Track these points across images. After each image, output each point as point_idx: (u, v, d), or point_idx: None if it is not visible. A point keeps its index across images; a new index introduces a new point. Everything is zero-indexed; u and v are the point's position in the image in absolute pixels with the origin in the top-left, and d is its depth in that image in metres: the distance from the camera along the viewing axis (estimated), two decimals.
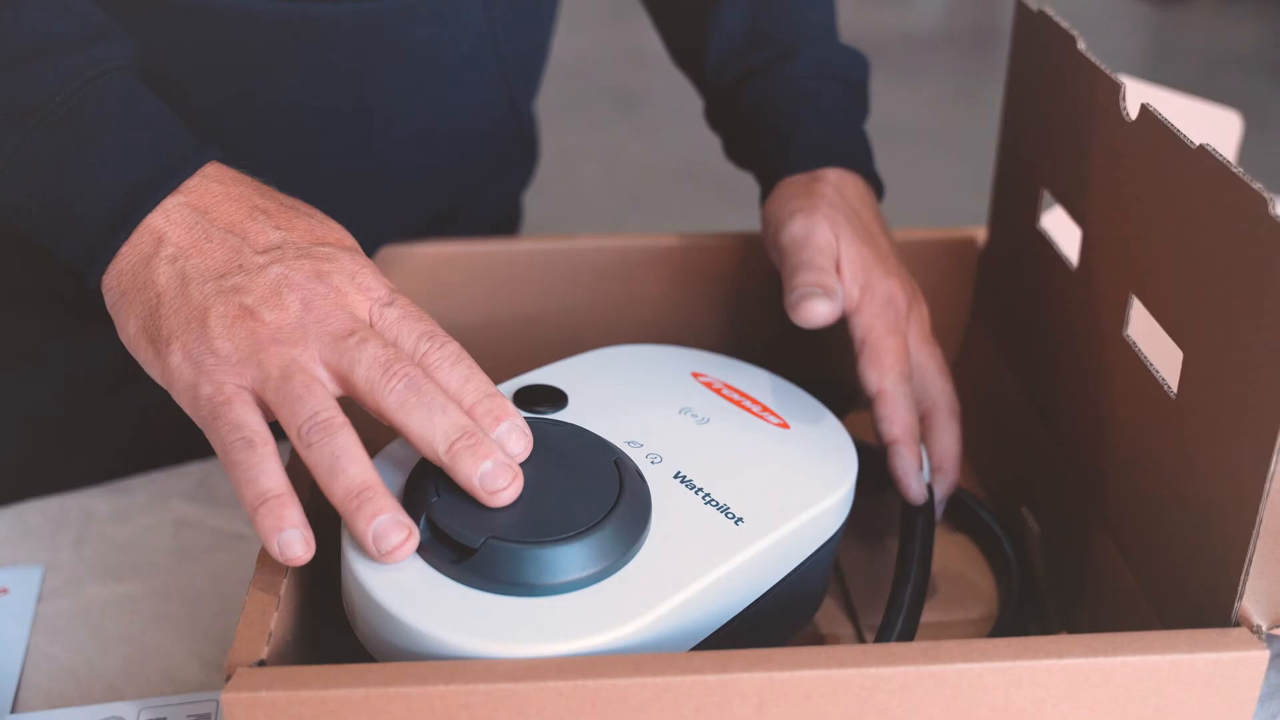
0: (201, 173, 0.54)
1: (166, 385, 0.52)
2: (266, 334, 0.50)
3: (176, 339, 0.51)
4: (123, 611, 0.66)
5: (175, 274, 0.51)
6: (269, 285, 0.51)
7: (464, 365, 0.52)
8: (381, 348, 0.50)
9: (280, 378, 0.49)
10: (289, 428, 0.49)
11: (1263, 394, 0.46)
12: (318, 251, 0.52)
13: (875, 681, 0.46)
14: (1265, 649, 0.47)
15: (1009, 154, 0.72)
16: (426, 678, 0.45)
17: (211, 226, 0.52)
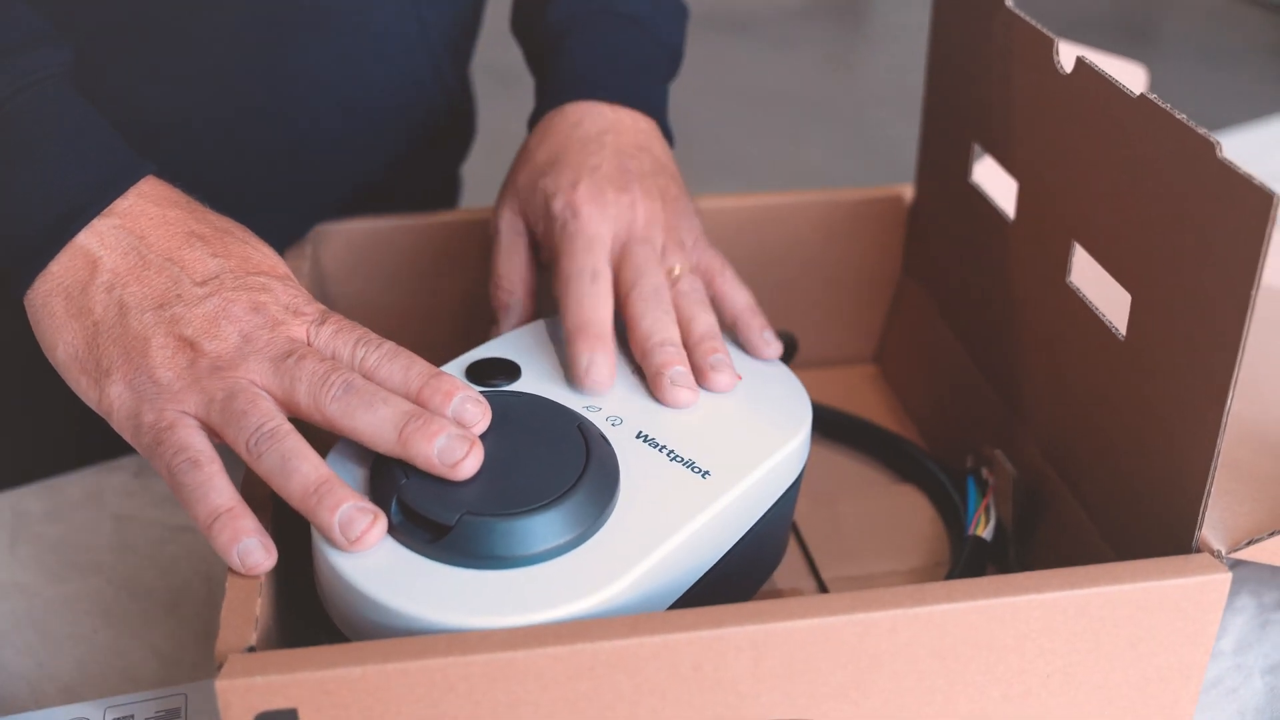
0: (137, 191, 0.53)
1: (104, 414, 0.52)
2: (207, 363, 0.51)
3: (116, 369, 0.51)
4: (70, 611, 0.64)
5: (113, 303, 0.51)
6: (208, 316, 0.51)
7: (402, 357, 0.53)
8: (318, 362, 0.51)
9: (225, 399, 0.50)
10: (238, 444, 0.50)
11: (1216, 330, 0.48)
12: (253, 281, 0.53)
13: (865, 627, 0.47)
14: (1228, 571, 0.49)
15: (935, 111, 0.73)
16: (423, 652, 0.45)
17: (149, 253, 0.52)
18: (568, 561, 0.49)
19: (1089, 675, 0.50)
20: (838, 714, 0.49)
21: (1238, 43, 3.43)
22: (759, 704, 0.48)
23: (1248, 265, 0.45)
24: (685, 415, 0.57)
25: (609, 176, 0.62)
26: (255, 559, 0.49)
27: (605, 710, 0.47)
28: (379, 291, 0.75)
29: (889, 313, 0.81)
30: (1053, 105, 0.59)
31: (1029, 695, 0.50)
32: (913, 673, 0.49)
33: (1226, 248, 0.47)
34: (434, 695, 0.45)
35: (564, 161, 0.63)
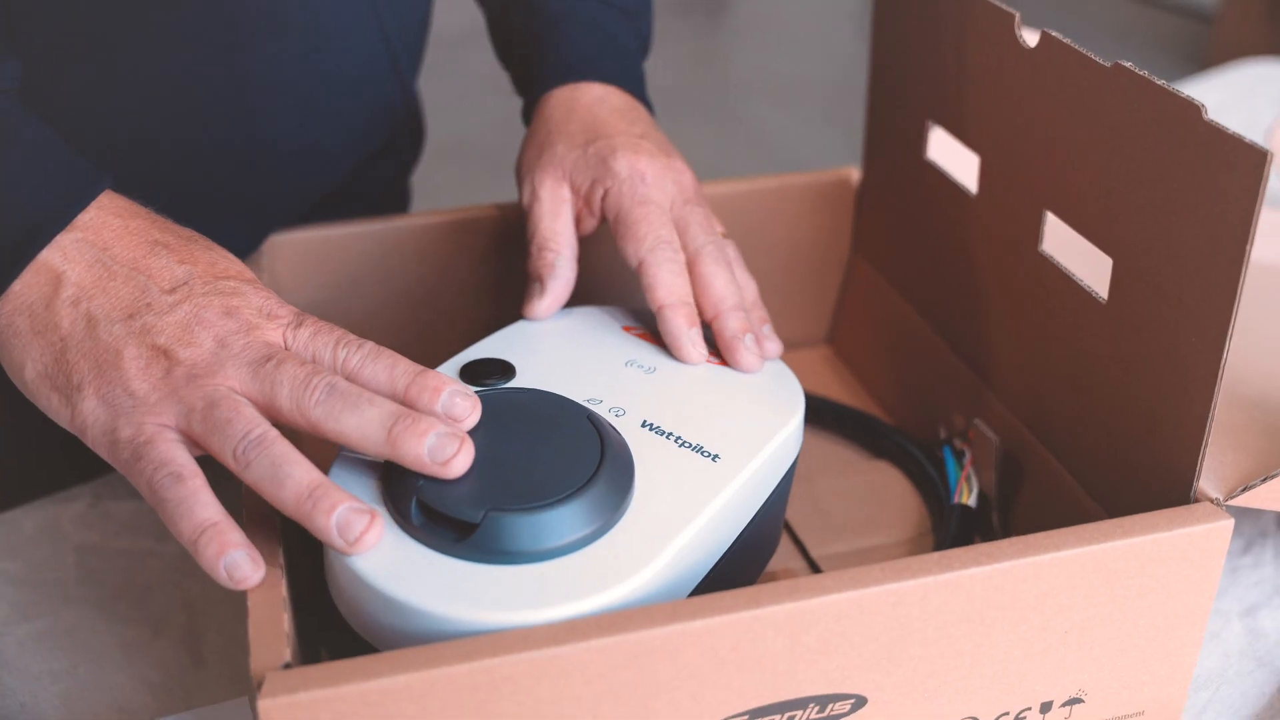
0: (97, 204, 0.52)
1: (78, 431, 0.50)
2: (183, 372, 0.49)
3: (89, 384, 0.49)
4: (45, 649, 0.61)
5: (80, 316, 0.50)
6: (180, 324, 0.50)
7: (385, 357, 0.52)
8: (299, 365, 0.50)
9: (205, 408, 0.49)
10: (224, 454, 0.48)
11: (1208, 288, 0.50)
12: (223, 286, 0.52)
13: (898, 596, 0.48)
14: (1230, 519, 0.51)
15: (881, 93, 0.75)
16: (467, 655, 0.44)
17: (114, 264, 0.51)
18: (596, 551, 0.49)
19: (1103, 628, 0.52)
20: (871, 684, 0.50)
21: (1084, 27, 3.57)
22: (795, 681, 0.48)
23: (1243, 220, 0.47)
24: (685, 402, 0.57)
25: (659, 144, 0.66)
26: (243, 572, 0.47)
27: (647, 699, 0.47)
28: (336, 299, 0.73)
29: (840, 293, 0.83)
30: (1017, 80, 0.60)
31: (1048, 652, 0.51)
32: (941, 639, 0.49)
33: (1219, 205, 0.48)
34: (479, 698, 0.45)
35: (609, 130, 0.65)
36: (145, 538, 0.68)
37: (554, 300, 0.63)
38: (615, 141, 0.65)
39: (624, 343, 0.62)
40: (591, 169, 0.64)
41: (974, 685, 0.51)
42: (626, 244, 0.62)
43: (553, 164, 0.65)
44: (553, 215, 0.64)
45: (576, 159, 0.65)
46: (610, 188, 0.63)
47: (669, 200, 0.64)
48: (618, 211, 0.63)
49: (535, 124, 0.68)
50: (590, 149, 0.65)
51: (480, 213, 0.74)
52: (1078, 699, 0.53)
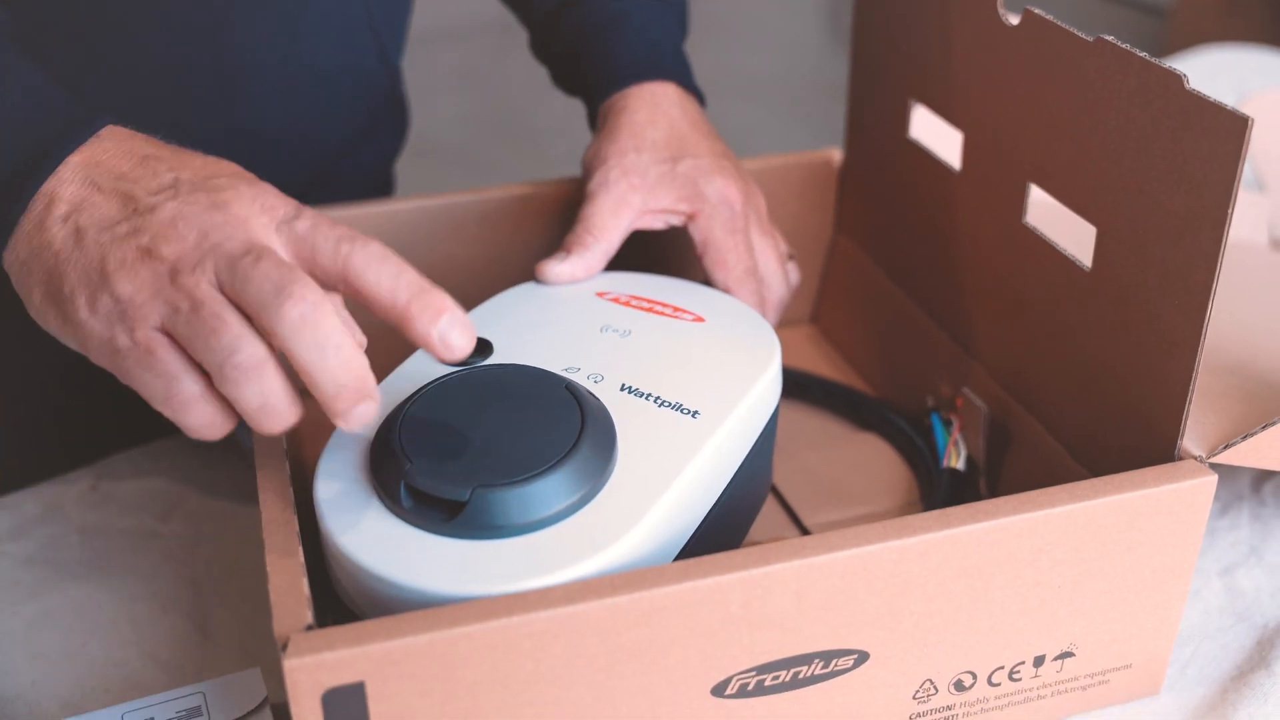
0: (95, 137, 0.51)
1: (81, 346, 0.50)
2: (166, 269, 0.48)
3: (79, 294, 0.48)
4: (54, 628, 0.62)
5: (70, 230, 0.49)
6: (164, 222, 0.48)
7: (392, 262, 0.49)
8: (276, 267, 0.47)
9: (189, 311, 0.47)
10: (208, 365, 0.47)
11: (1191, 252, 0.52)
12: (213, 184, 0.50)
13: (899, 553, 0.50)
14: (1213, 474, 0.53)
15: (863, 74, 0.76)
16: (486, 614, 0.46)
17: (103, 178, 0.50)
18: (585, 517, 0.50)
19: (1093, 582, 0.54)
20: (873, 640, 0.51)
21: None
22: (801, 636, 0.50)
23: (1224, 186, 0.49)
24: (662, 362, 0.58)
25: (734, 162, 0.71)
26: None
27: (660, 656, 0.48)
28: None
29: (824, 273, 0.84)
30: (999, 57, 0.62)
31: (1043, 607, 0.53)
32: (940, 594, 0.51)
33: (1202, 172, 0.50)
34: (496, 656, 0.46)
35: (695, 148, 0.69)
36: (148, 518, 0.69)
37: (571, 272, 0.65)
38: (704, 163, 0.68)
39: (598, 308, 0.63)
40: (679, 187, 0.67)
41: (971, 639, 0.53)
42: (716, 270, 0.67)
43: (635, 170, 0.67)
44: (612, 212, 0.66)
45: (663, 173, 0.67)
46: (700, 211, 0.67)
47: (751, 228, 0.69)
48: (707, 236, 0.67)
49: (615, 121, 0.70)
50: (679, 166, 0.68)
51: (471, 196, 0.75)
52: (1069, 652, 0.55)
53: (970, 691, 0.55)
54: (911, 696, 0.54)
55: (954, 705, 0.55)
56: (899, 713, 0.54)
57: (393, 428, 0.52)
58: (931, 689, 0.54)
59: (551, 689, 0.47)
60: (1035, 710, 0.57)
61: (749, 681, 0.50)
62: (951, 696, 0.55)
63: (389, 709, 0.46)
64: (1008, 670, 0.55)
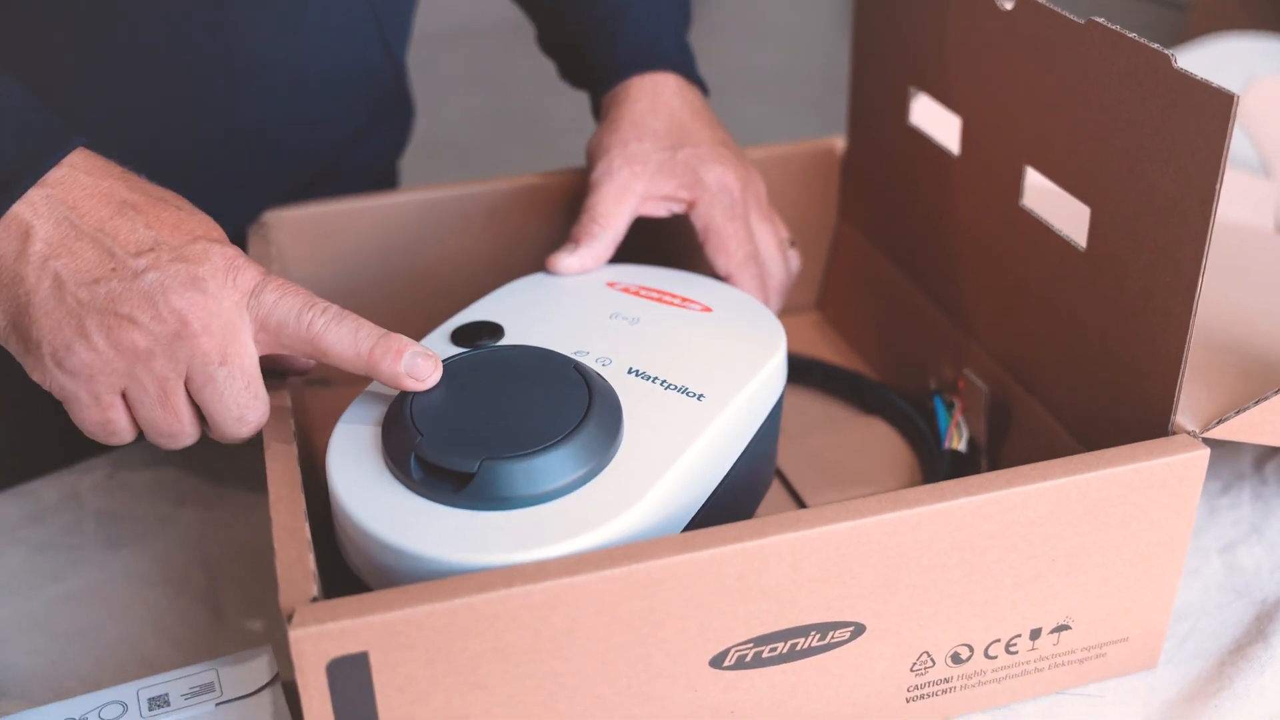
0: (69, 163, 0.53)
1: (32, 374, 0.53)
2: (144, 348, 0.51)
3: (45, 342, 0.51)
4: (72, 609, 0.63)
5: (48, 275, 0.51)
6: (144, 294, 0.51)
7: (349, 320, 0.54)
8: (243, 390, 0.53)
9: (155, 397, 0.53)
10: (143, 427, 0.54)
11: (1181, 228, 0.52)
12: (190, 252, 0.53)
13: (894, 525, 0.50)
14: (1206, 448, 0.54)
15: (864, 63, 0.77)
16: (486, 585, 0.47)
17: (82, 224, 0.52)
18: (589, 491, 0.51)
19: (1088, 556, 0.54)
20: (869, 612, 0.52)
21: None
22: (797, 608, 0.51)
23: (1212, 162, 0.50)
24: (670, 347, 0.60)
25: (735, 150, 0.72)
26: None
27: (657, 628, 0.49)
28: (340, 273, 0.75)
29: (828, 260, 0.85)
30: (996, 42, 0.63)
31: (1037, 579, 0.54)
32: (935, 567, 0.52)
33: (1190, 149, 0.51)
34: (498, 627, 0.47)
35: (695, 136, 0.70)
36: (163, 504, 0.70)
37: (580, 263, 0.66)
38: (703, 151, 0.69)
39: (608, 297, 0.64)
40: (679, 175, 0.68)
41: (966, 613, 0.54)
42: (717, 255, 0.68)
43: (637, 158, 0.68)
44: (615, 200, 0.68)
45: (663, 161, 0.68)
46: (700, 199, 0.68)
47: (750, 214, 0.70)
48: (708, 223, 0.68)
49: (616, 112, 0.71)
50: (680, 154, 0.69)
51: (478, 187, 0.77)
52: (1065, 625, 0.56)
53: (967, 664, 0.55)
54: (909, 669, 0.55)
55: (951, 678, 0.56)
56: (897, 685, 0.55)
57: (404, 404, 0.53)
58: (929, 661, 0.55)
59: (551, 660, 0.48)
60: (1033, 683, 0.57)
61: (746, 653, 0.51)
62: (949, 669, 0.55)
63: (392, 679, 0.47)
64: (1004, 643, 0.56)
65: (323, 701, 0.47)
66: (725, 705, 0.52)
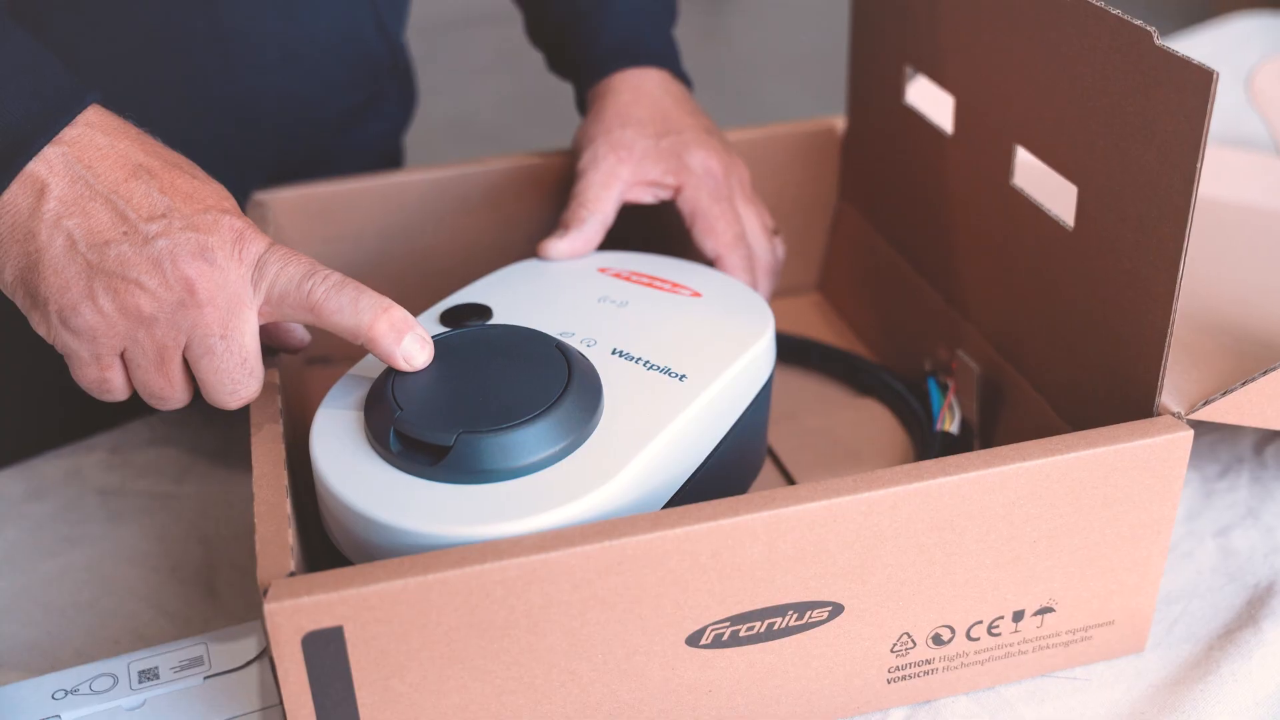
0: (84, 121, 0.53)
1: (45, 338, 0.53)
2: (148, 312, 0.52)
3: (53, 300, 0.52)
4: (69, 583, 0.64)
5: (60, 234, 0.52)
6: (153, 260, 0.52)
7: (349, 289, 0.54)
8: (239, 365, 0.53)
9: (153, 360, 0.53)
10: (137, 386, 0.55)
11: (1163, 207, 0.52)
12: (201, 221, 0.53)
13: (869, 505, 0.50)
14: (1190, 430, 0.53)
15: (862, 41, 0.77)
16: (460, 561, 0.47)
17: (97, 184, 0.52)
18: (564, 467, 0.51)
19: (1070, 538, 0.54)
20: (847, 592, 0.52)
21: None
22: (774, 588, 0.51)
23: (1192, 140, 0.49)
24: (656, 330, 0.60)
25: (720, 138, 0.72)
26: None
27: (633, 605, 0.49)
28: (340, 251, 0.76)
29: (829, 240, 0.85)
30: (987, 20, 0.62)
31: (1018, 561, 0.54)
32: (913, 547, 0.52)
33: (1171, 127, 0.51)
34: (472, 602, 0.47)
35: (678, 123, 0.71)
36: (164, 481, 0.71)
37: (571, 247, 0.67)
38: (687, 137, 0.70)
39: (599, 281, 0.64)
40: (664, 161, 0.69)
41: (947, 594, 0.54)
42: (705, 238, 0.69)
43: (622, 145, 0.69)
44: (603, 185, 0.68)
45: (648, 148, 0.69)
46: (686, 183, 0.69)
47: (735, 198, 0.70)
48: (694, 207, 0.69)
49: (601, 103, 0.72)
50: (664, 141, 0.69)
51: (476, 167, 0.77)
52: (1049, 608, 0.56)
53: (949, 646, 0.55)
54: (889, 650, 0.55)
55: (933, 659, 0.56)
56: (877, 666, 0.55)
57: (387, 381, 0.54)
58: (909, 642, 0.55)
59: (526, 635, 0.49)
60: (1017, 665, 0.57)
61: (723, 631, 0.52)
62: (930, 650, 0.55)
63: (368, 653, 0.48)
64: (986, 625, 0.55)
65: (299, 674, 0.47)
66: (703, 683, 0.53)
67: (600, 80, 0.72)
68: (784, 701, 0.54)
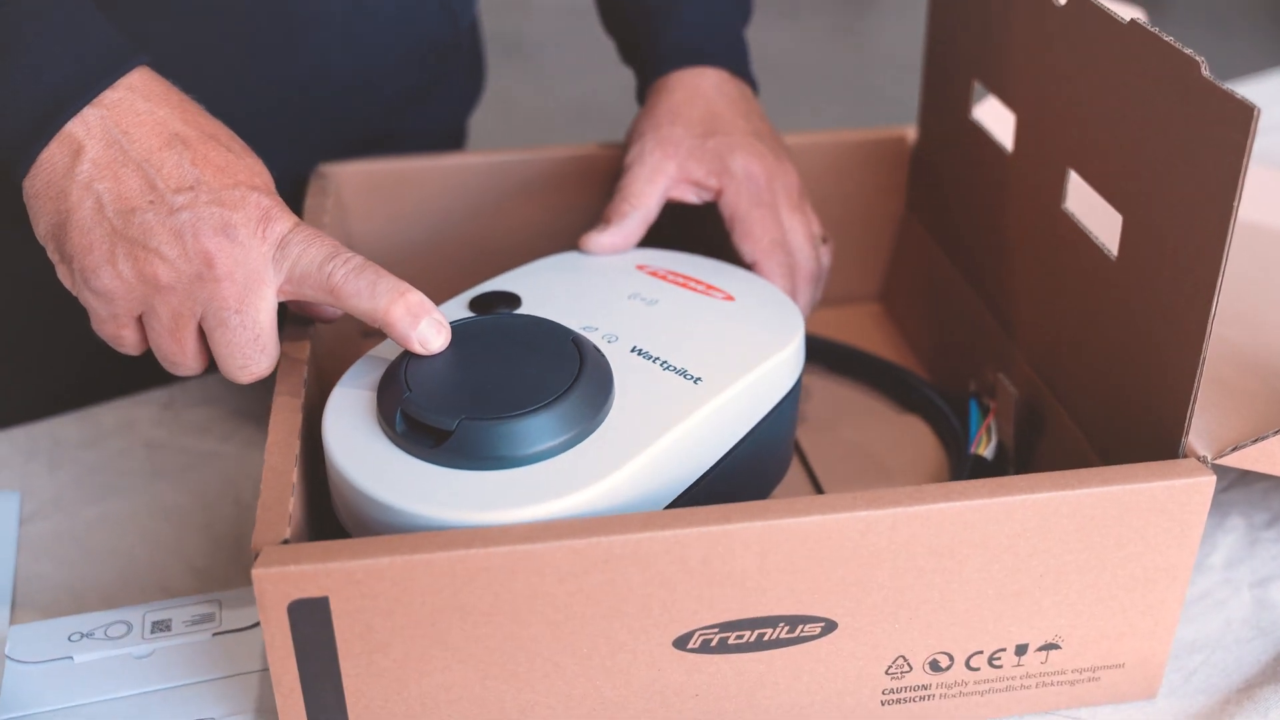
0: (127, 85, 0.54)
1: (69, 289, 0.56)
2: (165, 280, 0.53)
3: (77, 259, 0.54)
4: (107, 529, 0.67)
5: (90, 196, 0.53)
6: (175, 231, 0.53)
7: (369, 272, 0.54)
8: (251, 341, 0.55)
9: (168, 325, 0.55)
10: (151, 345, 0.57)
11: (1202, 240, 0.50)
12: (228, 197, 0.54)
13: (867, 524, 0.50)
14: (1212, 475, 0.51)
15: (936, 52, 0.75)
16: (449, 544, 0.48)
17: (131, 149, 0.53)
18: (563, 460, 0.52)
19: (1080, 575, 0.53)
20: (841, 610, 0.52)
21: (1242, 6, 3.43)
22: (765, 598, 0.51)
23: (1230, 175, 0.48)
24: (680, 331, 0.59)
25: (770, 143, 0.71)
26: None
27: (619, 603, 0.50)
28: (398, 230, 0.77)
29: (893, 251, 0.84)
30: (1049, 38, 0.61)
31: (1023, 594, 0.53)
32: (911, 570, 0.51)
33: (1210, 161, 0.49)
34: (455, 585, 0.48)
35: (727, 125, 0.70)
36: (210, 439, 0.73)
37: (611, 242, 0.67)
38: (733, 140, 0.69)
39: (634, 278, 0.64)
40: (707, 162, 0.69)
41: (945, 620, 0.53)
42: (743, 242, 0.68)
43: (669, 142, 0.69)
44: (648, 180, 0.68)
45: (693, 147, 0.69)
46: (727, 187, 0.68)
47: (779, 204, 0.69)
48: (734, 211, 0.68)
49: (655, 99, 0.72)
50: (709, 142, 0.69)
51: (538, 154, 0.78)
52: (1054, 644, 0.55)
53: (947, 673, 0.54)
54: (884, 672, 0.54)
55: (930, 685, 0.55)
56: (871, 687, 0.54)
57: (401, 363, 0.55)
58: (905, 666, 0.54)
59: (510, 624, 0.49)
60: (1019, 699, 0.56)
61: (711, 637, 0.51)
62: (927, 676, 0.54)
63: (352, 626, 0.48)
64: (987, 655, 0.54)
65: (284, 641, 0.49)
66: (690, 687, 0.53)
67: (659, 77, 0.72)
68: (773, 713, 0.54)
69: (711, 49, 0.73)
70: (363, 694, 0.50)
